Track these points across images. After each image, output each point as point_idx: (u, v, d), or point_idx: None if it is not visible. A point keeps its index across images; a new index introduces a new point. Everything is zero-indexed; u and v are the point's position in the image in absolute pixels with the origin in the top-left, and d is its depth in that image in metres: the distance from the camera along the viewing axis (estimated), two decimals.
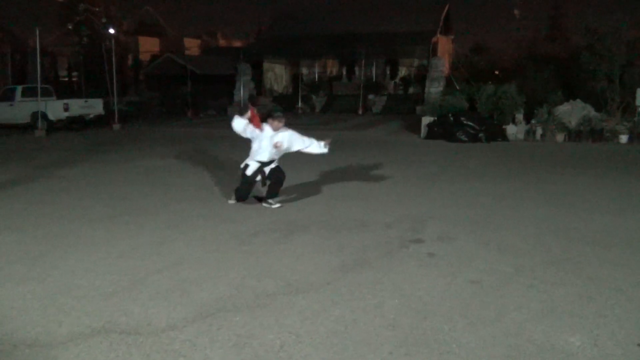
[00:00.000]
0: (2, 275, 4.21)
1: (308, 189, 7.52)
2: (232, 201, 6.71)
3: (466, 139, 13.50)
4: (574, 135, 13.68)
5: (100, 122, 19.24)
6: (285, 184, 6.80)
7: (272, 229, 5.50)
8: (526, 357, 2.90)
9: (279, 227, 5.59)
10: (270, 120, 6.50)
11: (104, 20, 34.70)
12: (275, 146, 6.47)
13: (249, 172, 6.51)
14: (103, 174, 9.20)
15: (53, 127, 17.43)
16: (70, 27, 34.83)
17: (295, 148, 6.67)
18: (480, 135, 13.52)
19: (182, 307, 3.57)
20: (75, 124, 18.35)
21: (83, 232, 5.46)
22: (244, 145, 6.93)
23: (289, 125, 6.75)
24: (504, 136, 13.98)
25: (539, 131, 14.00)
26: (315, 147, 6.69)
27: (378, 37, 27.66)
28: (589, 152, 11.69)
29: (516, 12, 35.98)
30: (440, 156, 11.23)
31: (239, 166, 6.70)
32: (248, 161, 6.58)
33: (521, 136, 14.16)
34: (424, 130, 14.88)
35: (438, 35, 28.83)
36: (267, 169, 6.56)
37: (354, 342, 3.07)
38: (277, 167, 6.65)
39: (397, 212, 6.18)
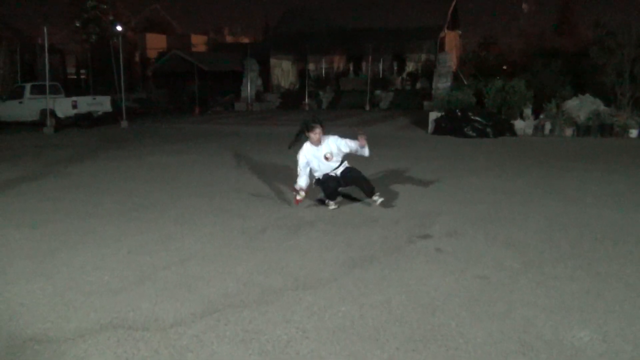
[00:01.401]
0: (12, 271, 4.25)
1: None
2: (333, 206, 6.23)
3: (474, 134, 13.42)
4: (583, 130, 13.56)
5: (108, 119, 19.34)
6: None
7: (280, 225, 5.51)
8: (534, 352, 2.89)
9: (287, 223, 5.60)
10: (308, 135, 6.11)
11: (111, 18, 34.90)
12: (327, 158, 6.11)
13: (321, 179, 6.23)
14: (111, 170, 9.25)
15: (61, 124, 17.55)
16: (78, 24, 35.06)
17: (343, 150, 6.18)
18: (488, 130, 13.43)
19: (190, 302, 3.58)
20: (84, 121, 18.47)
21: (92, 228, 5.50)
22: (252, 141, 6.92)
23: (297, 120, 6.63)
24: (512, 131, 13.87)
25: (548, 126, 13.89)
26: (360, 152, 6.21)
27: (385, 33, 27.60)
28: (598, 147, 11.59)
29: (524, 6, 35.72)
30: (448, 152, 11.18)
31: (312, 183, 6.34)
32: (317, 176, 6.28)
33: (529, 131, 14.05)
34: (431, 126, 14.81)
35: (445, 31, 28.72)
36: (338, 172, 6.23)
37: (361, 338, 3.07)
38: (348, 168, 6.27)
39: (405, 208, 6.17)
